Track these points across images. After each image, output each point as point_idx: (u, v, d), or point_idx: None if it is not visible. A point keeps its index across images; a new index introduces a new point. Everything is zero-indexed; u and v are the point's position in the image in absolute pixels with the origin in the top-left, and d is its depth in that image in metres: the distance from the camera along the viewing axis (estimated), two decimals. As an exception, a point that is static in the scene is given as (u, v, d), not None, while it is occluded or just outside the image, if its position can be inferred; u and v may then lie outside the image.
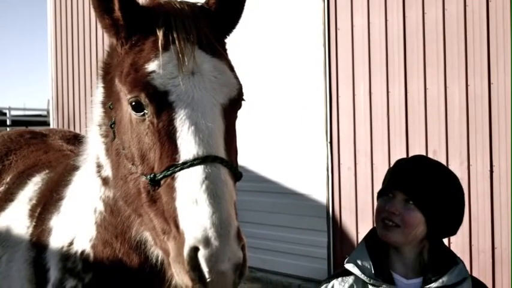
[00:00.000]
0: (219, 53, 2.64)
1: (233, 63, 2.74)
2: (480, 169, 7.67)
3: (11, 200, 3.79)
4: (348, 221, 9.28)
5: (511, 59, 7.40)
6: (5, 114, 26.10)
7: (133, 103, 2.53)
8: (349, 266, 3.13)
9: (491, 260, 7.59)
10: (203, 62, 2.56)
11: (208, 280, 2.23)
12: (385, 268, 3.10)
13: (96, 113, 2.96)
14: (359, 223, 9.08)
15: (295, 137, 10.15)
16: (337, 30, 9.44)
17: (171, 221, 2.39)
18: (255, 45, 10.60)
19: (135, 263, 2.85)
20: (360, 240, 3.64)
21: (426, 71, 8.27)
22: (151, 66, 2.53)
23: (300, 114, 10.06)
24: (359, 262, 3.11)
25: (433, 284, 3.01)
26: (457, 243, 7.49)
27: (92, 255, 2.97)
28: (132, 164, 2.58)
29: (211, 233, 2.22)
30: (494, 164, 7.56)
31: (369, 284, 3.07)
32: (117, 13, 2.66)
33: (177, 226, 2.35)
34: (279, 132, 10.39)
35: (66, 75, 15.01)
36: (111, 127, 2.75)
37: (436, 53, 8.15)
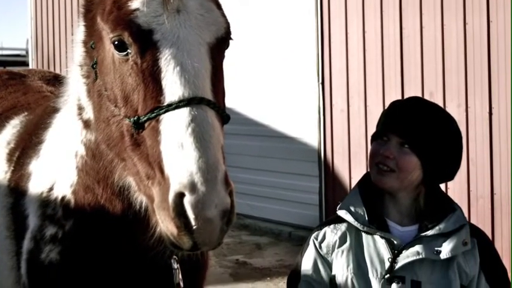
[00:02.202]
0: None
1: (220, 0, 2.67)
2: (479, 112, 7.60)
3: None
4: (340, 166, 9.26)
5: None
6: (-19, 54, 25.97)
7: (116, 42, 2.47)
8: (342, 213, 3.08)
9: (490, 206, 7.59)
10: None
11: (194, 227, 2.20)
12: (379, 215, 3.05)
13: (77, 52, 2.91)
14: (352, 168, 9.07)
15: (285, 77, 10.06)
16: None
17: (155, 166, 2.35)
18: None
19: (118, 210, 2.80)
20: (353, 185, 3.58)
21: (422, 8, 8.13)
22: (135, 3, 2.47)
23: (291, 54, 9.96)
24: (352, 209, 3.06)
25: (430, 232, 2.96)
26: (454, 188, 7.43)
27: (72, 201, 2.93)
28: (115, 106, 2.55)
29: (197, 178, 2.18)
30: (493, 106, 7.50)
31: (363, 231, 3.03)
32: None
33: (161, 171, 2.31)
34: (269, 72, 10.30)
35: (46, 13, 14.87)
36: (93, 67, 2.70)
37: (432, -10, 7.98)
